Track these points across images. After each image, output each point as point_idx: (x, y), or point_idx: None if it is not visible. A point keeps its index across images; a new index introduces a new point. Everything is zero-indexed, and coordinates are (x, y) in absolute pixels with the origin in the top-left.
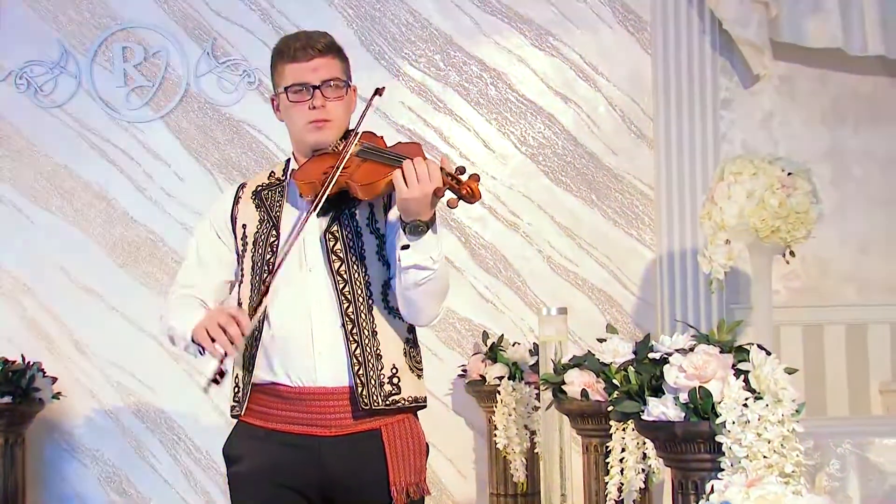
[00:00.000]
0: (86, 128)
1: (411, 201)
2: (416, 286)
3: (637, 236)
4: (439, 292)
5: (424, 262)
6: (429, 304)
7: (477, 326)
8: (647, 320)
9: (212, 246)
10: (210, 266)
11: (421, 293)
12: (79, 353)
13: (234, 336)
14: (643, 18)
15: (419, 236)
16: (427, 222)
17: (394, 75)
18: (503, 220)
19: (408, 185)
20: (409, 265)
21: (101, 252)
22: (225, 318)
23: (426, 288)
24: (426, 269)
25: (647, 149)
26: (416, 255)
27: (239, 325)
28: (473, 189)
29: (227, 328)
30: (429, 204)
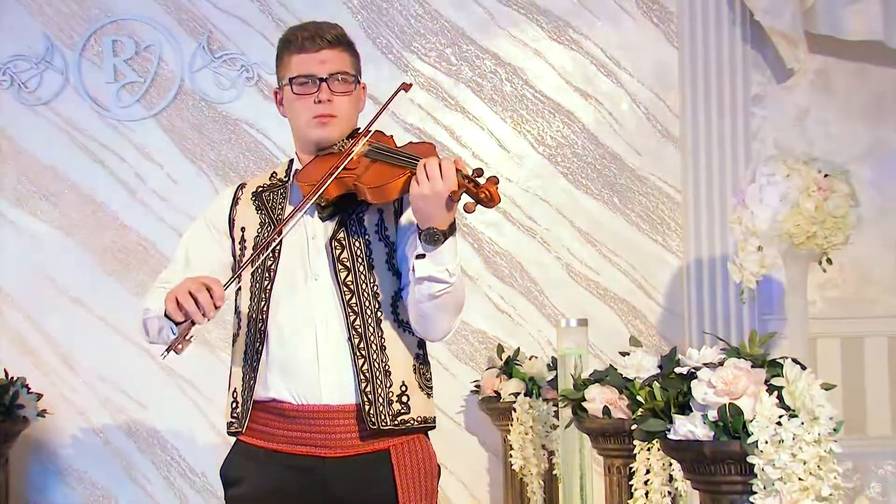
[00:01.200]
0: (73, 127)
1: (425, 205)
2: (430, 299)
3: (662, 242)
4: (455, 306)
5: (440, 275)
6: (443, 319)
7: (491, 339)
8: (674, 332)
9: (203, 247)
10: (197, 269)
11: (435, 307)
12: (66, 367)
13: (205, 304)
14: (669, 9)
15: (436, 245)
16: (444, 231)
17: (402, 70)
18: (519, 225)
19: (420, 189)
20: (423, 276)
21: (90, 259)
22: (196, 285)
23: (441, 301)
24: (442, 282)
25: (674, 149)
26: (431, 265)
27: (211, 294)
28: (492, 192)
29: (197, 296)
30: (444, 208)
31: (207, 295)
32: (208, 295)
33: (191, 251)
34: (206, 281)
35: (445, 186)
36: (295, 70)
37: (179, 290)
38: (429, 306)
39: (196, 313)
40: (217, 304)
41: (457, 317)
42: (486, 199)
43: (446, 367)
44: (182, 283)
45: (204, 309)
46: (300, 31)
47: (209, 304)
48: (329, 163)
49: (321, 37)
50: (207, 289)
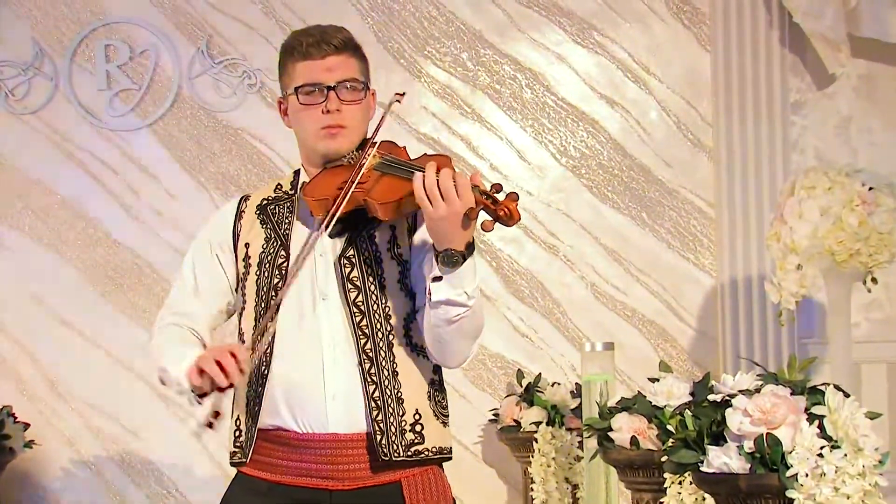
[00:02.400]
0: (63, 137)
1: (439, 224)
2: (447, 324)
3: (694, 260)
4: (473, 331)
5: (458, 298)
6: (461, 345)
7: (511, 364)
8: (707, 357)
9: (209, 269)
10: (207, 294)
11: (452, 332)
12: (54, 394)
13: (230, 370)
14: (701, 10)
15: (453, 267)
16: (462, 252)
17: (415, 76)
18: (540, 242)
19: (434, 205)
20: (440, 300)
21: (80, 279)
22: (220, 352)
23: (458, 326)
24: (460, 306)
25: (706, 160)
26: (449, 288)
27: (236, 360)
28: (511, 210)
29: (222, 361)
30: (460, 226)
31: (232, 361)
32: (233, 361)
33: (198, 275)
34: (229, 347)
35: (462, 204)
36: (300, 78)
37: (204, 360)
38: (446, 331)
39: (219, 377)
40: (242, 368)
41: (475, 342)
42: (506, 216)
43: (463, 393)
44: (203, 354)
45: (230, 375)
46: (304, 37)
47: (234, 371)
48: (338, 177)
49: (327, 42)
50: (231, 354)
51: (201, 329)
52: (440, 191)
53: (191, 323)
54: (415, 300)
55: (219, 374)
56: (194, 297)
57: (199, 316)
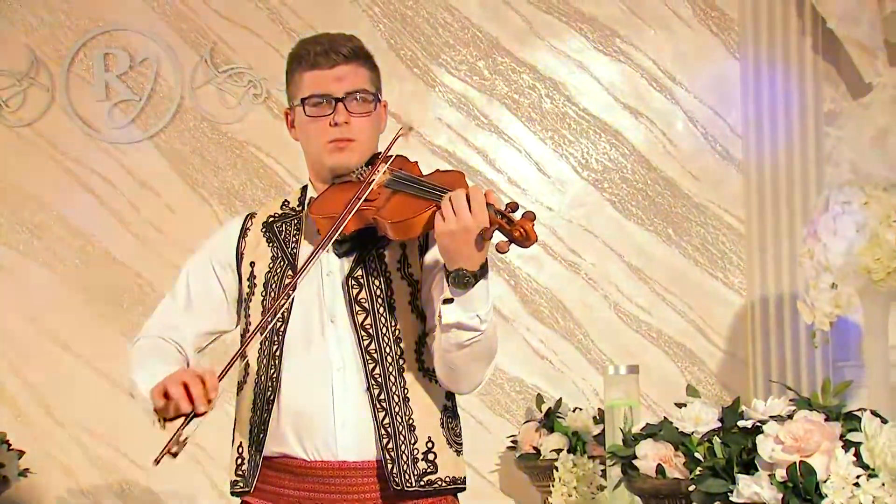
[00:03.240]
0: (59, 150)
1: (452, 245)
2: (458, 348)
3: (723, 279)
4: (486, 356)
5: (470, 321)
6: (473, 370)
7: (530, 388)
8: (736, 381)
9: (206, 286)
10: (199, 310)
11: (464, 357)
12: (51, 420)
13: (197, 397)
14: (729, 16)
15: (465, 289)
16: (475, 272)
17: (429, 86)
18: (561, 259)
19: (447, 226)
20: (451, 323)
21: (78, 299)
22: (190, 375)
23: (470, 351)
24: (472, 330)
25: (735, 173)
26: (460, 311)
27: (205, 386)
28: (528, 230)
29: (189, 386)
30: (473, 248)
31: (200, 386)
32: (201, 387)
33: (193, 289)
34: (199, 371)
35: (475, 224)
36: (307, 89)
37: (169, 380)
38: (457, 356)
39: (184, 402)
40: (210, 396)
41: (488, 366)
42: (522, 237)
43: (479, 419)
44: (172, 374)
45: (196, 402)
46: (312, 45)
47: (201, 398)
48: (347, 193)
49: (336, 51)
50: (201, 380)
51: (186, 345)
52: (452, 207)
53: (176, 337)
54: (426, 322)
55: (183, 398)
56: (184, 311)
57: (185, 331)
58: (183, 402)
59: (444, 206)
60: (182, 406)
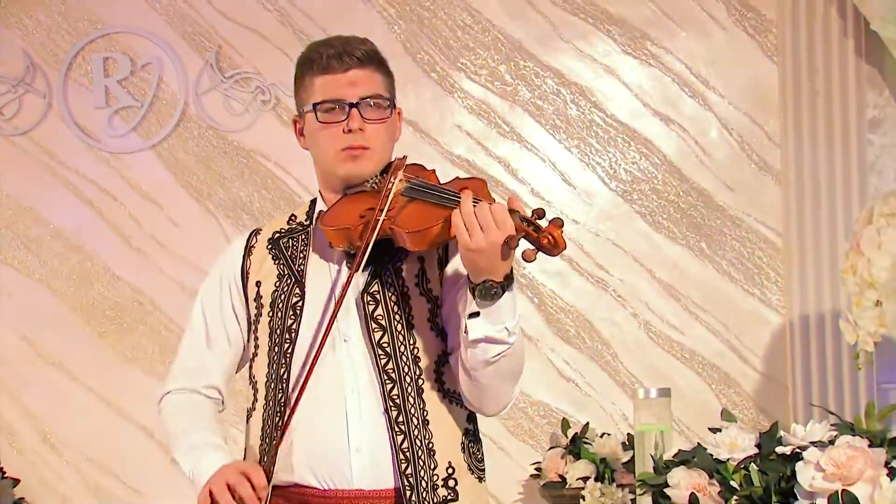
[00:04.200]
0: (56, 160)
1: (477, 255)
2: (485, 365)
3: (760, 296)
4: (514, 372)
5: (498, 335)
6: (500, 388)
7: (555, 412)
8: (775, 404)
9: (221, 315)
10: (220, 343)
11: (492, 374)
12: (47, 447)
13: (247, 499)
14: (766, 17)
15: (492, 301)
16: (501, 283)
17: (447, 91)
18: (588, 275)
19: (471, 235)
20: (478, 338)
21: (76, 318)
22: (235, 477)
23: (498, 367)
24: (500, 343)
25: (773, 183)
26: (487, 325)
27: (253, 486)
28: (556, 237)
29: (237, 488)
30: (499, 257)
31: (249, 488)
32: (249, 488)
33: (209, 322)
34: (244, 469)
35: (501, 233)
36: (319, 94)
37: (215, 482)
38: (484, 374)
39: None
40: (260, 495)
41: (516, 385)
42: (550, 244)
43: (500, 445)
44: (219, 471)
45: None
46: (324, 48)
47: (252, 500)
48: (360, 203)
49: (349, 54)
50: (247, 478)
51: (218, 382)
52: (478, 219)
53: (206, 380)
54: (446, 340)
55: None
56: (207, 348)
57: (213, 370)
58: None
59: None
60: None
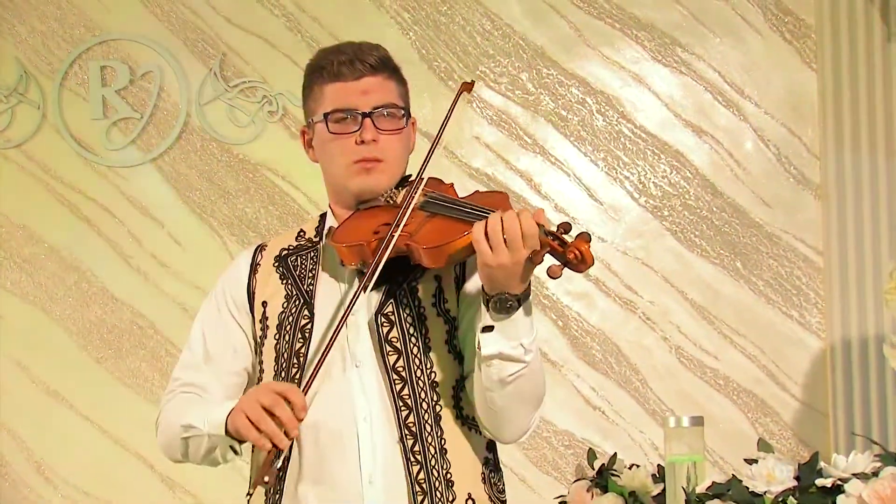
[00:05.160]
0: (51, 174)
1: (498, 270)
2: (501, 385)
3: (799, 318)
4: (532, 395)
5: (514, 352)
6: (518, 412)
7: (580, 442)
8: (814, 434)
9: (222, 333)
10: (222, 361)
11: (508, 395)
12: (40, 478)
13: (287, 421)
14: (805, 21)
15: (507, 314)
16: (518, 295)
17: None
18: (615, 296)
19: (493, 250)
20: (492, 354)
21: (72, 342)
22: (270, 397)
23: (515, 388)
24: (516, 361)
25: (813, 198)
26: (502, 340)
27: (291, 405)
28: (583, 252)
29: (274, 410)
30: (519, 273)
31: (287, 409)
32: (288, 409)
33: (209, 341)
34: (279, 389)
35: (526, 249)
36: (330, 103)
37: (248, 406)
38: (500, 395)
39: (278, 435)
40: (300, 416)
41: (536, 409)
42: (576, 260)
43: (523, 477)
44: (248, 395)
45: (287, 427)
46: (335, 55)
47: (292, 421)
48: (374, 219)
49: (362, 61)
50: (285, 399)
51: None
52: (504, 234)
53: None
54: (465, 364)
55: (277, 433)
56: (205, 366)
57: (211, 389)
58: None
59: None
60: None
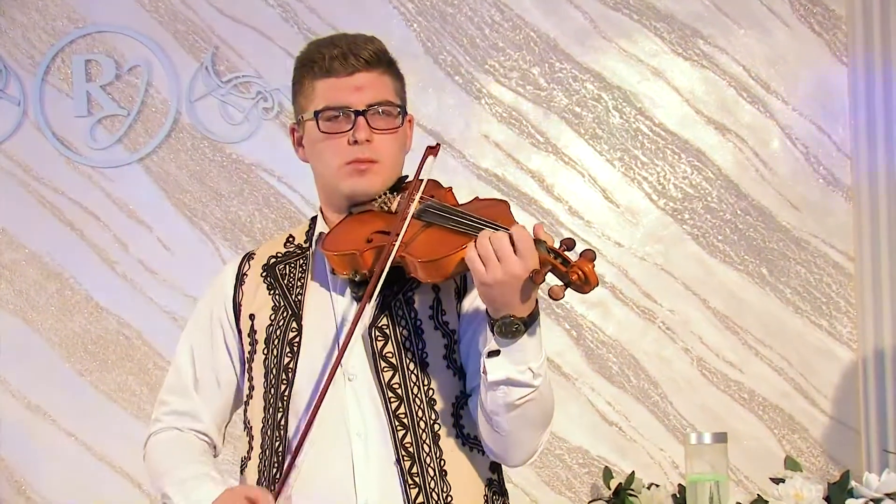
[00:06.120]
0: (32, 175)
1: (495, 289)
2: (507, 410)
3: (829, 328)
4: (541, 418)
5: (521, 377)
6: (526, 436)
7: (595, 460)
8: (845, 451)
9: (210, 353)
10: (208, 385)
11: (515, 420)
12: (22, 498)
13: None
14: (835, 12)
15: (513, 338)
16: (523, 319)
17: (473, 97)
18: (633, 305)
19: (486, 266)
20: (498, 380)
21: (54, 354)
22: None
23: (523, 413)
24: (524, 386)
25: (844, 201)
26: (509, 365)
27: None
28: (587, 273)
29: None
30: (519, 292)
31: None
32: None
33: (197, 361)
34: (250, 495)
35: (523, 267)
36: (321, 100)
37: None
38: (506, 420)
39: None
40: None
41: (544, 431)
42: (580, 281)
43: (534, 497)
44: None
45: None
46: (327, 48)
47: None
48: (367, 225)
49: (355, 55)
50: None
51: (208, 429)
52: (494, 250)
53: (192, 424)
54: (464, 379)
55: None
56: (194, 390)
57: (201, 414)
58: None
59: (483, 247)
60: None
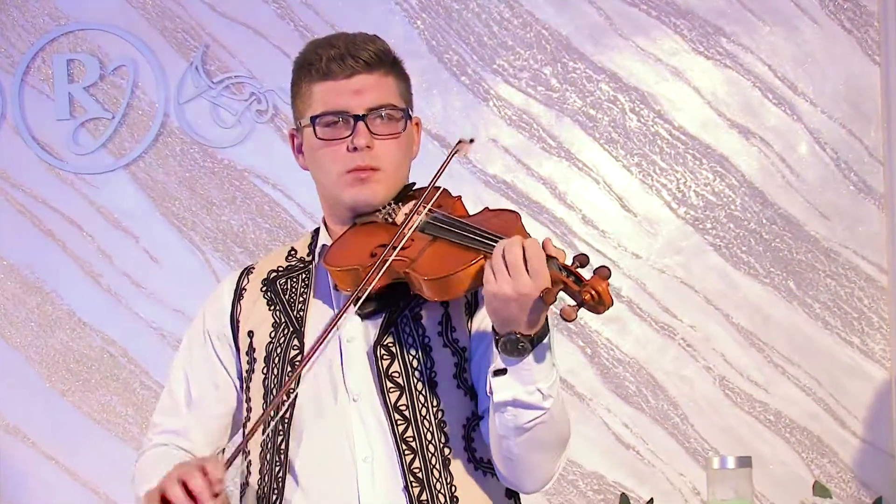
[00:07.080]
0: (10, 182)
1: (504, 310)
2: (517, 433)
3: (861, 345)
4: (555, 442)
5: (530, 398)
6: (539, 461)
7: (612, 486)
8: (878, 476)
9: (205, 371)
10: (202, 403)
11: (526, 444)
12: None
13: (200, 494)
14: (867, 8)
15: (520, 356)
16: (531, 336)
17: (480, 99)
18: (651, 321)
19: (497, 278)
20: (505, 401)
21: (33, 372)
22: (187, 470)
23: (533, 436)
24: (533, 408)
25: (876, 209)
26: (515, 385)
27: (206, 477)
28: (600, 292)
29: (189, 483)
30: (527, 310)
31: (201, 479)
32: (202, 479)
33: (192, 382)
34: (200, 462)
35: (534, 286)
36: (319, 105)
37: (167, 481)
38: (517, 444)
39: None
40: (215, 489)
41: (560, 457)
42: (593, 301)
43: None
44: (170, 473)
45: (196, 495)
46: (325, 48)
47: (204, 491)
48: (372, 237)
49: (354, 56)
50: (202, 471)
51: (199, 447)
52: (505, 265)
53: (182, 442)
54: (476, 400)
55: (183, 499)
56: (186, 408)
57: (193, 433)
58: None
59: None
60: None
